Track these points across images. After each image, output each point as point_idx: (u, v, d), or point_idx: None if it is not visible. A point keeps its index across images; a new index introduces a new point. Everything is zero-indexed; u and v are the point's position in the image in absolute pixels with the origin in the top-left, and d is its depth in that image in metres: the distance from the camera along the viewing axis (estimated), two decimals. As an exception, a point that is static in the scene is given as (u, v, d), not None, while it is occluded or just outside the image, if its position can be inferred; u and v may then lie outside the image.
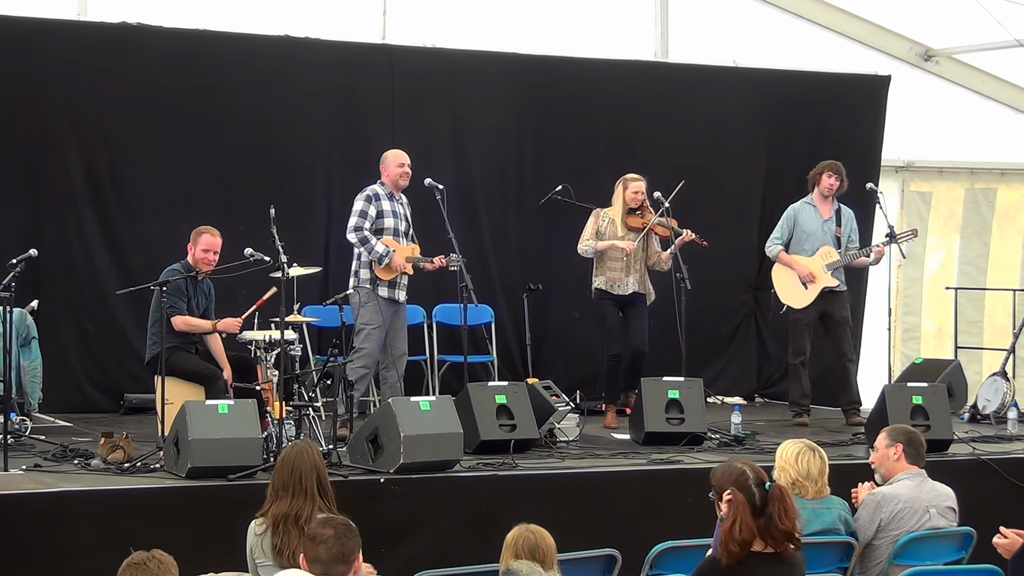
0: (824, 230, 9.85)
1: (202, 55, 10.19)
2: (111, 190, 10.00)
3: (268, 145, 10.39)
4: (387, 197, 9.02)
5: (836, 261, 9.76)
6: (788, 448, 5.96)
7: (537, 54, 11.19)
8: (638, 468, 7.88)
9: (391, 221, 8.99)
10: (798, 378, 9.91)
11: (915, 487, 6.24)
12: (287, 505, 5.36)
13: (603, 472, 7.77)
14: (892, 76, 12.15)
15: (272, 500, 5.46)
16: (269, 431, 7.44)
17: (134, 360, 9.51)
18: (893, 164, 12.53)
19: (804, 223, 9.89)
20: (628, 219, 9.53)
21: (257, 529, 5.46)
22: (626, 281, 9.52)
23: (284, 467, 5.48)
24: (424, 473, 7.27)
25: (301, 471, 5.43)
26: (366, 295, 8.87)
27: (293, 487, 5.42)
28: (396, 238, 9.01)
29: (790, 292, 9.89)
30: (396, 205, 9.05)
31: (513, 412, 8.20)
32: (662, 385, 8.78)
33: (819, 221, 9.87)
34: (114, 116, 10.01)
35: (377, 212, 8.96)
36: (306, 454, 5.49)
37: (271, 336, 7.86)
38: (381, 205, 8.98)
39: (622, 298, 9.54)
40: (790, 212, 9.97)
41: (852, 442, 8.91)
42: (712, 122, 11.70)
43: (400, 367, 9.07)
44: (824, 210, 9.89)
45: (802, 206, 9.95)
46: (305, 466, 5.44)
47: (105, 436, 7.52)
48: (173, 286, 8.17)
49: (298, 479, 5.41)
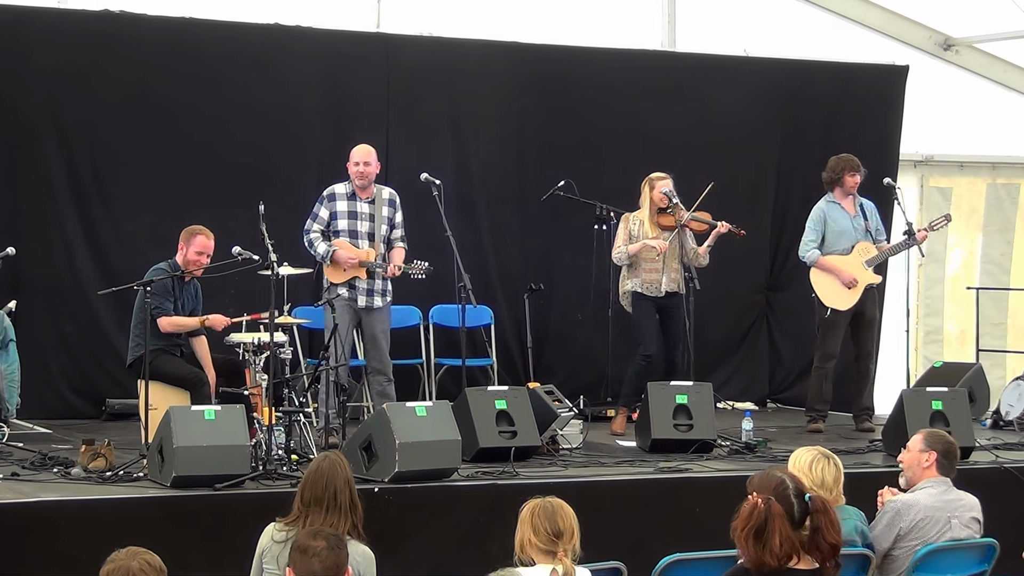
0: (855, 227, 9.87)
1: (187, 44, 10.17)
2: (93, 185, 9.99)
3: (258, 139, 10.38)
4: (347, 197, 8.89)
5: (875, 257, 9.76)
6: (801, 456, 5.93)
7: (539, 44, 11.18)
8: (644, 477, 7.88)
9: (345, 223, 8.86)
10: (820, 382, 9.87)
11: (937, 496, 6.21)
12: (321, 520, 5.29)
13: (608, 481, 7.77)
14: (910, 66, 12.13)
15: (300, 515, 5.39)
16: (258, 438, 7.41)
17: (116, 364, 9.49)
18: (911, 158, 12.51)
19: (835, 222, 9.88)
20: (659, 219, 9.60)
21: (277, 535, 5.39)
22: (662, 281, 9.56)
23: (318, 481, 5.41)
24: (420, 482, 7.26)
25: (336, 486, 5.38)
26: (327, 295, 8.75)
27: (327, 502, 5.36)
28: (354, 240, 8.88)
29: (833, 294, 9.81)
30: (359, 205, 8.90)
31: (513, 418, 8.18)
32: (669, 390, 8.77)
33: (848, 218, 9.89)
34: (96, 107, 9.99)
35: (330, 213, 8.88)
36: (339, 468, 5.46)
37: (260, 339, 7.84)
38: (335, 206, 8.87)
39: (658, 300, 9.57)
40: (818, 213, 9.92)
41: (869, 449, 8.90)
42: (721, 114, 11.67)
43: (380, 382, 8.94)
44: (849, 206, 9.91)
45: (829, 205, 9.93)
46: (340, 481, 5.40)
47: (86, 443, 7.50)
48: (159, 286, 8.16)
49: (332, 494, 5.37)
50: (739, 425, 8.99)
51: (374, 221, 8.92)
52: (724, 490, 7.40)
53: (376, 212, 8.93)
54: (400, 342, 10.38)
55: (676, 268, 9.57)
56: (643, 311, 9.63)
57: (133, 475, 7.22)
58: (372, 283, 8.88)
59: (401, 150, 10.57)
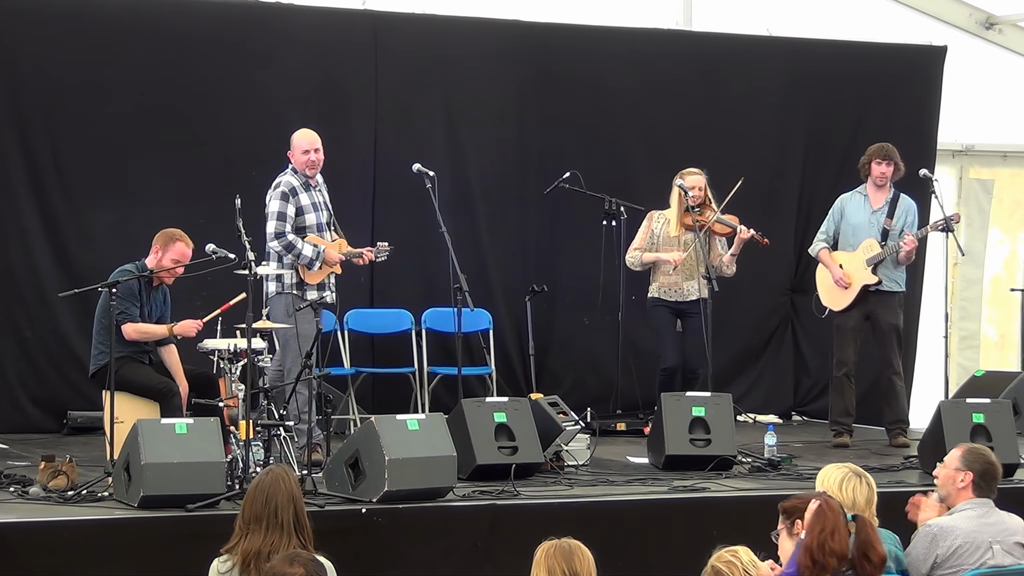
0: (871, 222, 9.84)
1: (156, 23, 10.17)
2: (53, 177, 9.97)
3: (234, 127, 10.38)
4: (303, 188, 8.89)
5: (877, 255, 9.74)
6: (830, 474, 5.92)
7: (541, 22, 11.18)
8: (658, 497, 7.86)
9: (312, 216, 8.87)
10: (840, 393, 9.90)
11: (978, 519, 6.20)
12: (259, 540, 5.34)
13: (617, 501, 7.76)
14: (948, 47, 12.13)
15: (241, 534, 5.43)
16: (234, 454, 7.40)
17: (79, 372, 9.48)
18: (950, 148, 12.52)
19: (851, 215, 9.89)
20: (685, 218, 9.61)
21: (221, 567, 5.43)
22: (684, 286, 9.60)
23: (257, 496, 5.45)
24: (412, 502, 7.25)
25: (277, 502, 5.40)
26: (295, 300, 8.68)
27: (267, 520, 5.39)
28: (320, 234, 8.91)
29: (830, 293, 9.90)
30: (314, 195, 8.93)
31: (514, 432, 8.18)
32: (685, 401, 8.77)
33: (867, 212, 9.86)
34: (57, 93, 9.97)
35: (296, 209, 8.84)
36: (282, 482, 5.47)
37: (236, 345, 7.83)
38: (300, 200, 8.86)
39: (679, 306, 9.59)
40: (837, 204, 9.97)
41: (903, 467, 8.90)
42: (742, 100, 11.68)
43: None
44: (876, 199, 9.88)
45: (851, 196, 9.95)
46: (281, 496, 5.42)
47: (45, 460, 7.48)
48: (124, 288, 8.14)
49: (273, 511, 5.39)
50: (761, 440, 9.00)
51: (327, 207, 9.00)
52: (745, 512, 7.41)
53: (324, 200, 9.01)
54: (390, 349, 10.40)
55: (703, 273, 9.59)
56: (660, 318, 9.65)
57: (97, 495, 7.21)
58: (330, 278, 8.96)
59: (390, 139, 10.57)
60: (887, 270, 9.78)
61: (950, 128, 12.28)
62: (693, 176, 9.69)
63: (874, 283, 9.75)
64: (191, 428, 7.14)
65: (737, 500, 7.82)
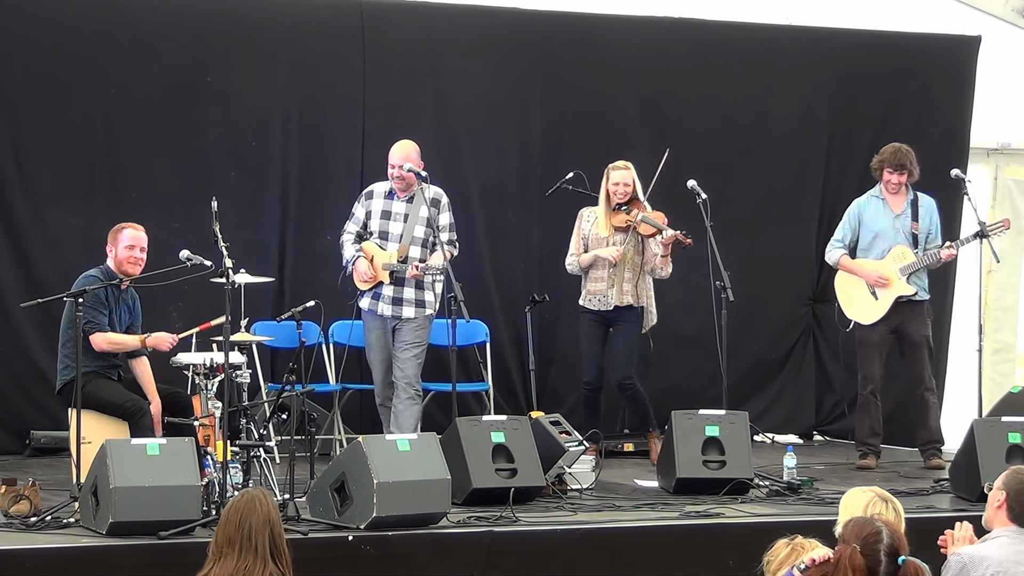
0: (896, 227, 9.86)
1: (128, 11, 10.19)
2: (15, 179, 9.99)
3: (210, 124, 10.39)
4: (386, 195, 9.33)
5: (913, 263, 9.77)
6: (855, 498, 5.93)
7: (542, 9, 11.20)
8: (668, 523, 7.87)
9: (378, 223, 9.29)
10: (867, 411, 9.92)
11: (1012, 546, 6.20)
12: (232, 566, 5.36)
13: (625, 528, 7.76)
14: (983, 36, 12.16)
15: (214, 560, 5.45)
16: (210, 478, 7.42)
17: (43, 389, 9.50)
18: (984, 146, 12.52)
19: (871, 221, 9.90)
20: (612, 218, 9.59)
21: None
22: (609, 294, 9.60)
23: (231, 519, 5.47)
24: (402, 529, 7.26)
25: (251, 525, 5.42)
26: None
27: (240, 543, 5.41)
28: (384, 242, 9.22)
29: (857, 305, 9.89)
30: (395, 204, 9.28)
31: (513, 453, 8.21)
32: (698, 420, 8.78)
33: (889, 217, 9.88)
34: (19, 87, 10.00)
35: (366, 212, 9.31)
36: (258, 504, 5.49)
37: (213, 359, 7.85)
38: (371, 205, 9.32)
39: (606, 315, 9.61)
40: (853, 208, 10.00)
41: (933, 491, 8.91)
42: (761, 94, 11.70)
43: (396, 398, 9.18)
44: (895, 203, 9.90)
45: (867, 200, 9.97)
46: (256, 519, 5.44)
47: (7, 483, 7.51)
48: (91, 296, 8.16)
49: (247, 535, 5.41)
50: (780, 462, 9.00)
51: (407, 222, 9.21)
52: (762, 539, 7.37)
53: (412, 212, 9.22)
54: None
55: (629, 278, 9.59)
56: (582, 328, 9.76)
57: (63, 521, 7.22)
58: (400, 290, 9.14)
59: (379, 136, 10.56)
60: (915, 277, 9.81)
61: (984, 124, 12.29)
62: (618, 171, 9.65)
63: (911, 293, 9.78)
64: (164, 449, 7.16)
65: (754, 527, 7.81)
